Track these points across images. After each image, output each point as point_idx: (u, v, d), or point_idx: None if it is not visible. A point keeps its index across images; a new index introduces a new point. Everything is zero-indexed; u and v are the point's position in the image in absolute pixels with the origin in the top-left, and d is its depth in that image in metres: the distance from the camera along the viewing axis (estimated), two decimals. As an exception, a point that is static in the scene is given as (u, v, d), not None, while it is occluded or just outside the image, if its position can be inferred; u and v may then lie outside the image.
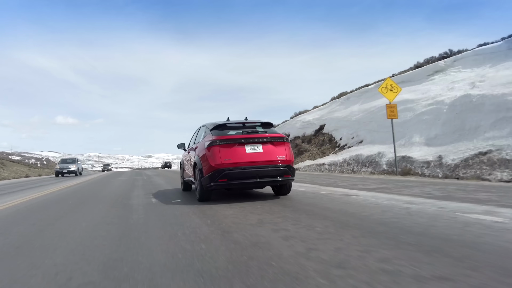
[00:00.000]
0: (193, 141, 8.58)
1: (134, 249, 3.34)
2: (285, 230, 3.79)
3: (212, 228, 4.10)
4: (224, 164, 6.07)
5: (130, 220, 4.94)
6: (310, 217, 4.50)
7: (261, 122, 6.93)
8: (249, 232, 3.78)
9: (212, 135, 6.54)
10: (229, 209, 5.43)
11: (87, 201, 7.91)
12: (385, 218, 4.25)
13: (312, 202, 5.91)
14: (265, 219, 4.46)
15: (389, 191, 7.02)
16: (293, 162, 6.63)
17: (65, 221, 5.14)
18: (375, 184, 8.57)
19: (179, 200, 7.14)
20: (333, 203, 5.62)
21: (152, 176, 19.68)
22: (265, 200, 6.47)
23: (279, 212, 5.02)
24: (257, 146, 6.35)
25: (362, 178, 11.11)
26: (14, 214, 6.32)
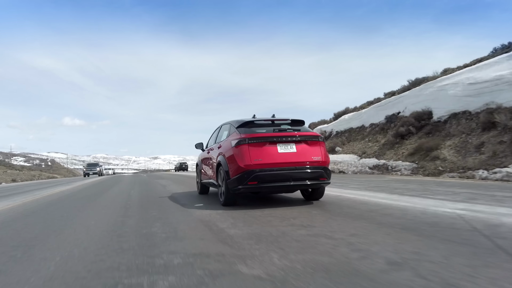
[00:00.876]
0: (213, 140, 7.96)
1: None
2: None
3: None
4: (255, 165, 5.44)
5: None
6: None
7: (291, 119, 6.29)
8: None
9: (239, 133, 5.91)
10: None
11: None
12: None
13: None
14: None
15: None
16: (328, 164, 5.98)
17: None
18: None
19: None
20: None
21: (183, 196, 8.46)
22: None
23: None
24: (290, 145, 5.71)
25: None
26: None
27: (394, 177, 11.83)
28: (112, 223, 4.90)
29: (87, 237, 4.02)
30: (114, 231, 4.26)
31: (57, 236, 4.17)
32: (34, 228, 4.82)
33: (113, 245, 3.54)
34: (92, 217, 5.53)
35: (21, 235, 4.37)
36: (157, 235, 3.89)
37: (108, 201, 8.13)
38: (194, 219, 4.89)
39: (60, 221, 5.31)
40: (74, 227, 4.73)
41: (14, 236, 4.35)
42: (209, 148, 7.91)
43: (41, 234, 4.31)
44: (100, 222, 5.02)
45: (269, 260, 2.76)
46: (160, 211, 5.84)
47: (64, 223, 5.07)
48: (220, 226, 4.24)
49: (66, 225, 4.92)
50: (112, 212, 5.99)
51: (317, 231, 3.71)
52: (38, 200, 9.15)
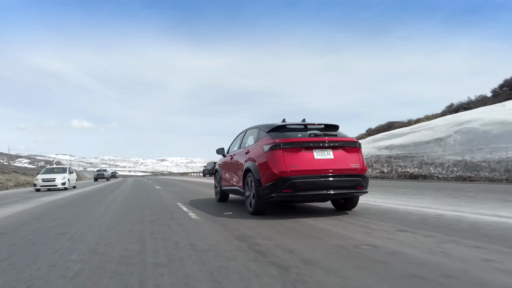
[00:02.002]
0: (236, 145, 7.59)
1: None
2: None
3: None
4: (290, 171, 5.04)
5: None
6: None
7: (325, 123, 5.89)
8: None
9: (271, 137, 5.52)
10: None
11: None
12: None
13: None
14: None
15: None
16: (366, 172, 5.57)
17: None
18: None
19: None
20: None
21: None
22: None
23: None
24: (327, 151, 5.31)
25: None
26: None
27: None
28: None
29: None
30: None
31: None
32: None
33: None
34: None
35: None
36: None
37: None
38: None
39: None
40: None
41: None
42: (231, 153, 7.53)
43: None
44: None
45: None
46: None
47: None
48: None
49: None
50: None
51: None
52: None
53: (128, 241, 4.00)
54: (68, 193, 15.17)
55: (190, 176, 59.96)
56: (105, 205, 8.61)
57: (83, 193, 14.76)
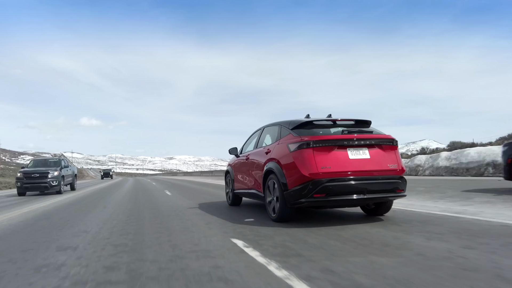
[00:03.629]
0: (251, 144, 6.96)
1: None
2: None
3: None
4: (323, 173, 4.41)
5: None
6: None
7: (355, 119, 5.24)
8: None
9: (297, 135, 4.89)
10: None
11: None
12: None
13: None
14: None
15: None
16: (404, 173, 4.93)
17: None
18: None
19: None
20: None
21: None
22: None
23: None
24: (362, 150, 4.67)
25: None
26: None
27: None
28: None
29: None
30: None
31: None
32: None
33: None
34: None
35: None
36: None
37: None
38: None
39: None
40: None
41: None
42: (247, 153, 6.90)
43: None
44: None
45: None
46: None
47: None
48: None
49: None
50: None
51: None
52: None
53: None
54: (50, 201, 10.66)
55: (209, 176, 43.34)
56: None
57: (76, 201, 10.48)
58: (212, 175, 43.32)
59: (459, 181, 12.36)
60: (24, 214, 7.71)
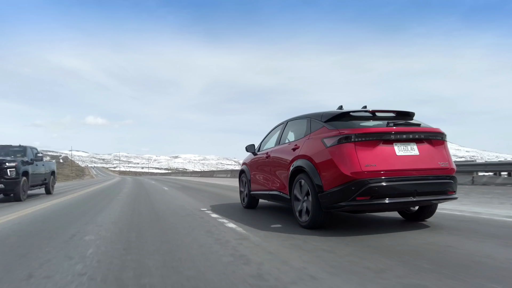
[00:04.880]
0: (273, 141, 6.30)
1: None
2: None
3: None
4: (367, 172, 3.77)
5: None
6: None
7: (397, 111, 4.59)
8: None
9: (334, 128, 4.23)
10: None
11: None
12: None
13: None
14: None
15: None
16: (455, 172, 4.29)
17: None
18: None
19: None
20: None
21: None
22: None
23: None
24: (411, 145, 4.03)
25: None
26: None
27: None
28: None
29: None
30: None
31: None
32: None
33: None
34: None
35: None
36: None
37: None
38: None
39: None
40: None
41: None
42: (267, 150, 6.28)
43: None
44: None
45: None
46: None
47: None
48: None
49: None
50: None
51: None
52: None
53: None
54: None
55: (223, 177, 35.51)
56: None
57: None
58: (232, 175, 36.71)
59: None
60: None
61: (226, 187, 15.76)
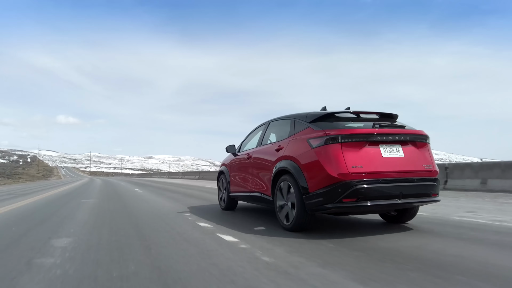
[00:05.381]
0: (255, 141, 6.17)
1: None
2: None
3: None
4: (354, 174, 3.72)
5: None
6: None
7: (381, 112, 4.57)
8: None
9: (320, 128, 4.16)
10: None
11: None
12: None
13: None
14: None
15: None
16: (438, 174, 4.31)
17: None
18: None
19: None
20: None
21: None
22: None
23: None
24: (396, 147, 4.01)
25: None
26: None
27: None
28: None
29: None
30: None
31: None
32: None
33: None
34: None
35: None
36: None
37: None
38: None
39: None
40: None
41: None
42: (247, 151, 6.16)
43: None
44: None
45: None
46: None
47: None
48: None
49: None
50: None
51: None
52: None
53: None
54: None
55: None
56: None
57: None
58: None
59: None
60: None
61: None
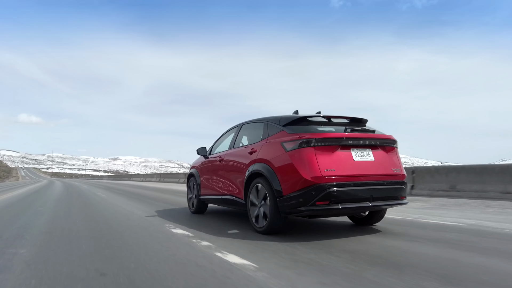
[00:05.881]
0: (227, 144, 6.13)
1: None
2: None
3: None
4: (327, 177, 3.78)
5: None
6: None
7: (351, 117, 4.68)
8: None
9: (294, 132, 4.20)
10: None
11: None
12: None
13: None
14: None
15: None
16: (406, 178, 4.46)
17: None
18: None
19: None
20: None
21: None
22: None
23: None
24: (366, 151, 4.12)
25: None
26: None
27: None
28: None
29: None
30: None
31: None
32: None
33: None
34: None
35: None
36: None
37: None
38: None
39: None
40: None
41: None
42: (219, 154, 6.11)
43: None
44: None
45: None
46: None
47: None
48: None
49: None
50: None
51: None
52: None
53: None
54: None
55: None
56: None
57: None
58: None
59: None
60: None
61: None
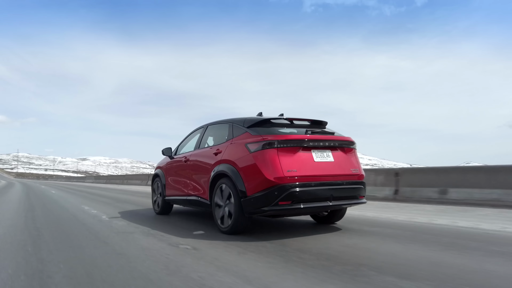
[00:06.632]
0: (192, 145, 6.14)
1: None
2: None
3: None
4: (289, 177, 3.91)
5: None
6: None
7: (311, 119, 4.83)
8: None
9: (258, 133, 4.31)
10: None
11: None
12: None
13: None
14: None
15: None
16: (364, 178, 4.68)
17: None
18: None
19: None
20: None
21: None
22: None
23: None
24: (326, 152, 4.29)
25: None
26: None
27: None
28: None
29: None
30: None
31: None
32: None
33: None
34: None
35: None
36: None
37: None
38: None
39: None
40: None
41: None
42: (184, 154, 6.11)
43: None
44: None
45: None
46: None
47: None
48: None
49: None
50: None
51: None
52: None
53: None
54: None
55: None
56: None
57: None
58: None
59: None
60: None
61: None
